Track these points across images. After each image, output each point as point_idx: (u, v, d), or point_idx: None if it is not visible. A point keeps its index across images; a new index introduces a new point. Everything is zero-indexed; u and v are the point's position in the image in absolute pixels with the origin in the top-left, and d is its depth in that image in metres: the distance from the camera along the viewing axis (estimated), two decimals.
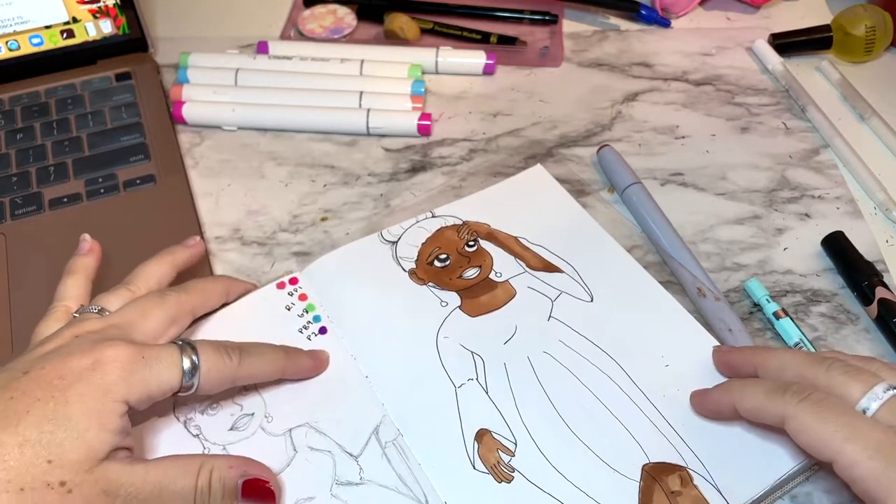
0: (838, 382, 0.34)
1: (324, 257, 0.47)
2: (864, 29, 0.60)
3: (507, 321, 0.44)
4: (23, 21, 0.58)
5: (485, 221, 0.50)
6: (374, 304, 0.45)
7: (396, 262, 0.47)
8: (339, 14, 0.66)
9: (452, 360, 0.42)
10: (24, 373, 0.33)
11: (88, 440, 0.32)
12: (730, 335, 0.44)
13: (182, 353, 0.35)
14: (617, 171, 0.53)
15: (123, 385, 0.33)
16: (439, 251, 0.48)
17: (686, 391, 0.40)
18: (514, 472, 0.38)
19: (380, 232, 0.49)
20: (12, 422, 0.31)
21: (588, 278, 0.46)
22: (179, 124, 0.58)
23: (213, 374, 0.36)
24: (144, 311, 0.38)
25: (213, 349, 0.37)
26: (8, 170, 0.53)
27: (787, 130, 0.58)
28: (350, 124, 0.57)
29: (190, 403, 0.40)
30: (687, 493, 0.37)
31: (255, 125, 0.58)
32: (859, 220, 0.51)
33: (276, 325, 0.44)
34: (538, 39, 0.65)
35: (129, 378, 0.33)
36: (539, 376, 0.42)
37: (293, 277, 0.46)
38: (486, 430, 0.40)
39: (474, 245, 0.48)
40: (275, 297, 0.45)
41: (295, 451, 0.39)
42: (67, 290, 0.40)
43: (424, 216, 0.50)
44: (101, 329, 0.36)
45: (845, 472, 0.32)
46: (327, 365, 0.42)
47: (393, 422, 0.40)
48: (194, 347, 0.36)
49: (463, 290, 0.46)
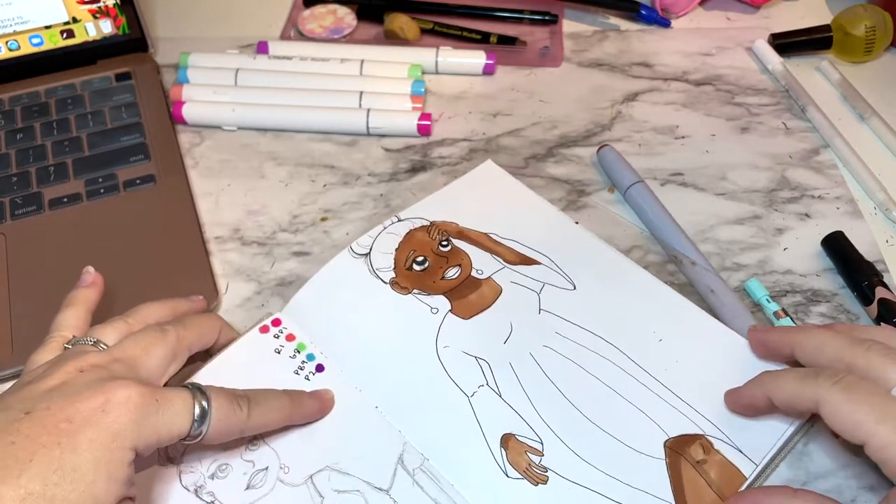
0: (876, 364, 0.33)
1: (300, 292, 0.45)
2: (863, 29, 0.60)
3: (500, 319, 0.44)
4: (23, 21, 0.58)
5: (452, 220, 0.49)
6: (365, 329, 0.44)
7: (374, 275, 0.46)
8: (338, 14, 0.66)
9: (458, 369, 0.42)
10: (25, 413, 0.30)
11: (95, 493, 0.29)
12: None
13: (194, 399, 0.34)
14: (618, 171, 0.53)
15: (134, 430, 0.31)
16: (415, 254, 0.47)
17: (684, 362, 0.41)
18: (547, 472, 0.38)
19: (349, 246, 0.47)
20: (13, 472, 0.28)
21: (565, 267, 0.46)
22: (179, 124, 0.58)
23: (223, 424, 0.34)
24: (146, 346, 0.36)
25: (224, 397, 0.35)
26: (8, 170, 0.53)
27: (787, 130, 0.58)
28: (350, 124, 0.57)
29: (196, 470, 0.38)
30: (711, 460, 0.38)
31: (255, 125, 0.58)
32: (859, 220, 0.51)
33: (269, 372, 0.42)
34: (538, 39, 0.65)
35: (141, 422, 0.31)
36: (546, 371, 0.42)
37: (275, 319, 0.44)
38: (511, 435, 0.39)
39: (448, 244, 0.47)
40: (261, 342, 0.43)
41: (321, 497, 0.37)
42: (66, 321, 0.38)
43: (391, 221, 0.49)
44: (106, 364, 0.34)
45: (877, 453, 0.32)
46: (333, 404, 0.40)
47: (415, 447, 0.39)
48: (205, 393, 0.34)
49: (449, 291, 0.45)
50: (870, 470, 0.40)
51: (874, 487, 0.39)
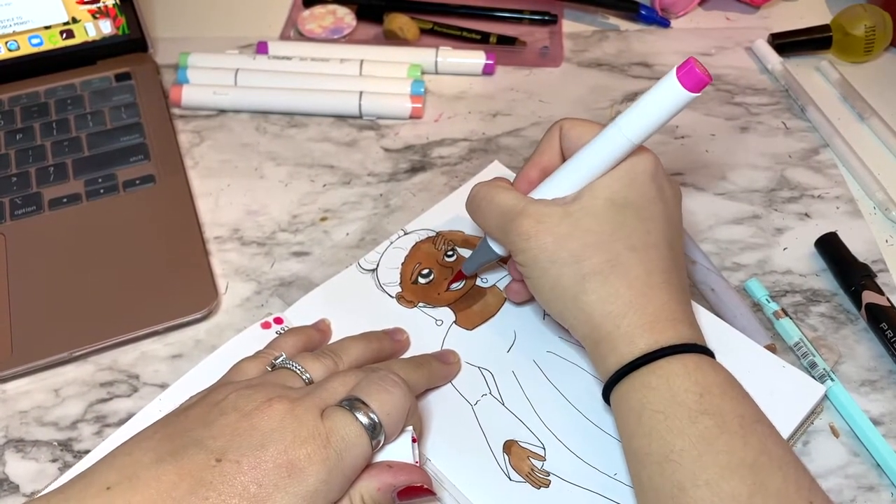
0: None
1: (307, 296, 0.46)
2: (863, 29, 0.60)
3: (504, 328, 0.44)
4: (22, 21, 0.58)
5: (458, 229, 0.49)
6: None
7: (381, 290, 0.46)
8: (338, 14, 0.66)
9: (462, 379, 0.42)
10: (217, 460, 0.31)
11: None
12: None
13: (356, 418, 0.33)
14: None
15: (324, 489, 0.31)
16: (420, 266, 0.47)
17: None
18: (549, 476, 0.38)
19: (357, 262, 0.47)
20: None
21: None
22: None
23: (394, 416, 0.34)
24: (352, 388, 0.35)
25: (377, 387, 0.34)
26: (8, 170, 0.53)
27: (786, 130, 0.58)
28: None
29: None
30: None
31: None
32: (859, 219, 0.51)
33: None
34: (538, 39, 0.65)
35: (329, 479, 0.31)
36: (549, 376, 0.42)
37: (277, 317, 0.45)
38: (513, 441, 0.39)
39: (453, 254, 0.48)
40: (262, 337, 0.43)
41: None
42: (286, 345, 0.40)
43: (397, 235, 0.49)
44: (301, 399, 0.33)
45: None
46: (459, 368, 0.42)
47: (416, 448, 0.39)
48: (361, 401, 0.33)
49: (453, 302, 0.46)
50: (870, 470, 0.40)
51: (874, 487, 0.39)
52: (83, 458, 0.40)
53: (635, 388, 0.34)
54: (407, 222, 0.49)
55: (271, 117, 0.59)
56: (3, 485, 0.40)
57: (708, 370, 0.34)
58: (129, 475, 0.30)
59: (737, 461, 0.31)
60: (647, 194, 0.38)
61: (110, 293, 0.46)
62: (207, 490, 0.30)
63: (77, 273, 0.47)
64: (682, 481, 0.31)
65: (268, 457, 0.31)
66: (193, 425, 0.32)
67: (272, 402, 0.33)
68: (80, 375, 0.44)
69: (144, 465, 0.31)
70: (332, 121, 0.58)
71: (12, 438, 0.42)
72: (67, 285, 0.47)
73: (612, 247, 0.36)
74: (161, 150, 0.55)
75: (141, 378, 0.44)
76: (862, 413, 0.41)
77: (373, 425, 0.33)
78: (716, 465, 0.31)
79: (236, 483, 0.30)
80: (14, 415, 0.43)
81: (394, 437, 0.35)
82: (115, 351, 0.45)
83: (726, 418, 0.32)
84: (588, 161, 0.38)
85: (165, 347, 0.46)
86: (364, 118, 0.58)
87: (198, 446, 0.31)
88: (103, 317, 0.45)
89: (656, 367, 0.34)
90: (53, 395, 0.44)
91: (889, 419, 0.42)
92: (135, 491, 0.30)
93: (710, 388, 0.33)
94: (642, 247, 0.37)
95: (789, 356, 0.44)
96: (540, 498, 0.37)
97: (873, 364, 0.44)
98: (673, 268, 0.37)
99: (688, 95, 0.35)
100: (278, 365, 0.37)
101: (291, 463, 0.31)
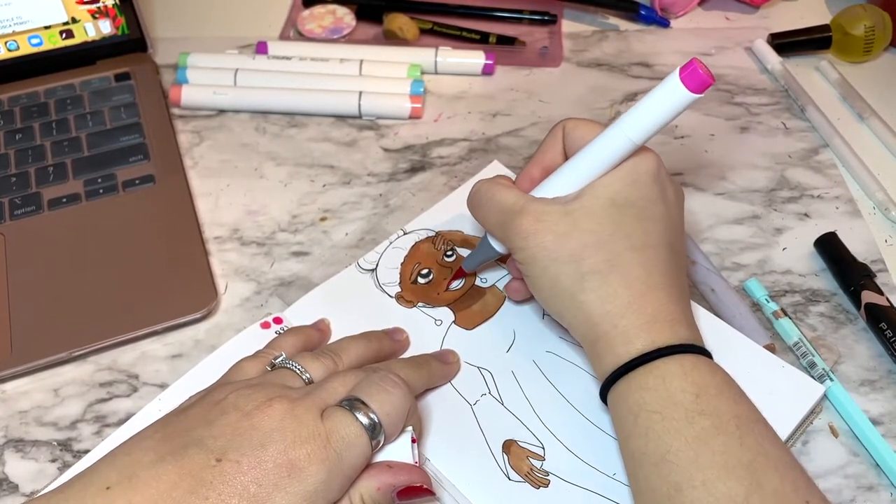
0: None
1: (306, 296, 0.46)
2: (863, 29, 0.60)
3: (504, 328, 0.44)
4: (22, 21, 0.58)
5: (458, 229, 0.49)
6: None
7: (381, 289, 0.46)
8: (338, 14, 0.66)
9: (461, 379, 0.42)
10: (217, 460, 0.31)
11: None
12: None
13: (356, 418, 0.33)
14: None
15: (324, 488, 0.31)
16: (420, 266, 0.47)
17: None
18: (548, 476, 0.38)
19: (357, 262, 0.47)
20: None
21: None
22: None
23: (393, 416, 0.34)
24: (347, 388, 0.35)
25: (376, 388, 0.34)
26: (7, 170, 0.53)
27: (786, 130, 0.58)
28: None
29: None
30: None
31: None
32: (858, 219, 0.51)
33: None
34: (537, 39, 0.65)
35: (329, 479, 0.31)
36: (548, 376, 0.42)
37: (277, 317, 0.45)
38: (512, 441, 0.40)
39: (452, 254, 0.48)
40: (262, 337, 0.43)
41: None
42: (286, 344, 0.40)
43: (396, 235, 0.49)
44: (301, 399, 0.33)
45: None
46: (459, 367, 0.42)
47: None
48: (361, 401, 0.33)
49: (453, 302, 0.46)
50: (869, 470, 0.40)
51: (873, 487, 0.40)
52: (83, 458, 0.40)
53: (632, 388, 0.34)
54: (406, 222, 0.49)
55: (271, 117, 0.59)
56: (2, 485, 0.40)
57: (705, 371, 0.34)
58: (128, 475, 0.30)
59: (733, 462, 0.31)
60: (649, 195, 0.38)
61: (110, 293, 0.46)
62: (207, 490, 0.30)
63: (76, 273, 0.47)
64: (678, 482, 0.32)
65: (268, 456, 0.31)
66: (193, 425, 0.32)
67: (272, 401, 0.33)
68: (79, 375, 0.44)
69: (144, 464, 0.31)
70: (332, 121, 0.59)
71: (12, 438, 0.42)
72: (67, 285, 0.47)
73: (612, 246, 0.36)
74: (161, 150, 0.55)
75: (140, 378, 0.44)
76: (861, 413, 0.41)
77: (372, 425, 0.33)
78: (712, 466, 0.31)
79: (236, 483, 0.30)
80: (14, 415, 0.43)
81: (393, 438, 0.35)
82: (114, 351, 0.45)
83: (723, 419, 0.32)
84: (589, 160, 0.38)
85: (165, 347, 0.46)
86: (364, 118, 0.58)
87: (198, 446, 0.31)
88: (103, 317, 0.45)
89: (653, 368, 0.34)
90: (53, 394, 0.44)
91: (888, 419, 0.42)
92: (135, 490, 0.30)
93: (707, 388, 0.33)
94: (642, 247, 0.37)
95: (789, 356, 0.44)
96: (539, 498, 0.37)
97: (872, 364, 0.44)
98: (673, 269, 0.37)
99: (690, 96, 0.35)
100: (278, 365, 0.37)
101: (291, 463, 0.31)
